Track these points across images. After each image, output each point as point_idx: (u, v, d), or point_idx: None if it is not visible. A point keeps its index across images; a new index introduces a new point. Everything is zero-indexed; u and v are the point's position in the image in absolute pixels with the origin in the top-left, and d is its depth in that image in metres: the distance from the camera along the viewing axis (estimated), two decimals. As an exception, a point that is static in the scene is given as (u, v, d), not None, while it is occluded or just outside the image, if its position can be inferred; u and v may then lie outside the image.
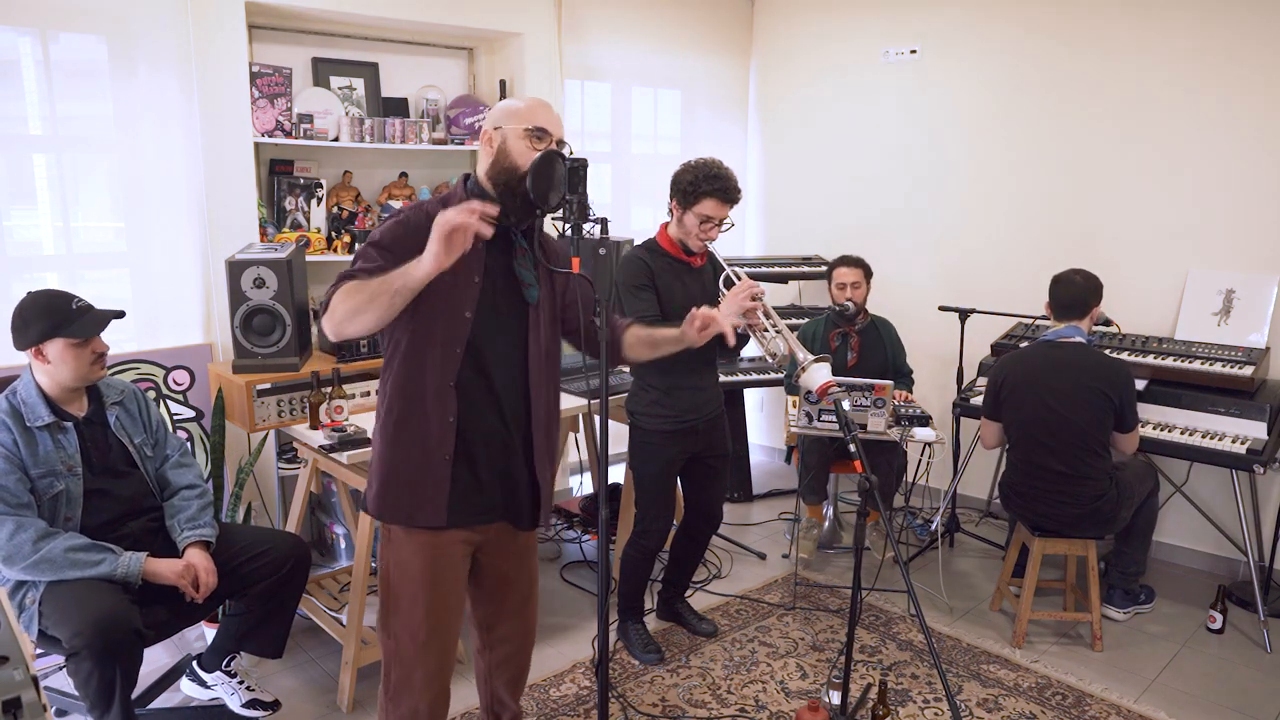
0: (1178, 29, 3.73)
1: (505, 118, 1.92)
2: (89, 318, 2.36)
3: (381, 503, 1.97)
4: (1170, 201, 3.83)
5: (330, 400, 2.91)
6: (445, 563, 1.98)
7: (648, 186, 4.97)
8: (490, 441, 1.97)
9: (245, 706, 2.69)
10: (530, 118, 1.91)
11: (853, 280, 3.76)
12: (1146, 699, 2.91)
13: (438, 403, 1.90)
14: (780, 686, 2.96)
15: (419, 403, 1.91)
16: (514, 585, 2.17)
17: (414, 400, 1.91)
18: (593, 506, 4.04)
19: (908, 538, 4.17)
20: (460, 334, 1.89)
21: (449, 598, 2.00)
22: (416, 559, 1.96)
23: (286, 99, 3.55)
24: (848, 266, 3.79)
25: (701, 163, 2.76)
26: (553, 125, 1.92)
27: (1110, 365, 3.10)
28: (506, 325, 1.97)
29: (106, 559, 2.30)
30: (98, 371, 2.43)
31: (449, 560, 1.98)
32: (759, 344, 2.70)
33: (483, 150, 1.95)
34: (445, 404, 1.90)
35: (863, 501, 2.41)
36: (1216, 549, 3.86)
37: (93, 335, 2.37)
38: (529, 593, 2.22)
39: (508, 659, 2.24)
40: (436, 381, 1.90)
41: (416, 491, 1.93)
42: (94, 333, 2.37)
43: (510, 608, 2.19)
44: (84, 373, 2.39)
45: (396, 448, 1.94)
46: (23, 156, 3.16)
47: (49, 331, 2.32)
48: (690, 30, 4.93)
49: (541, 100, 1.98)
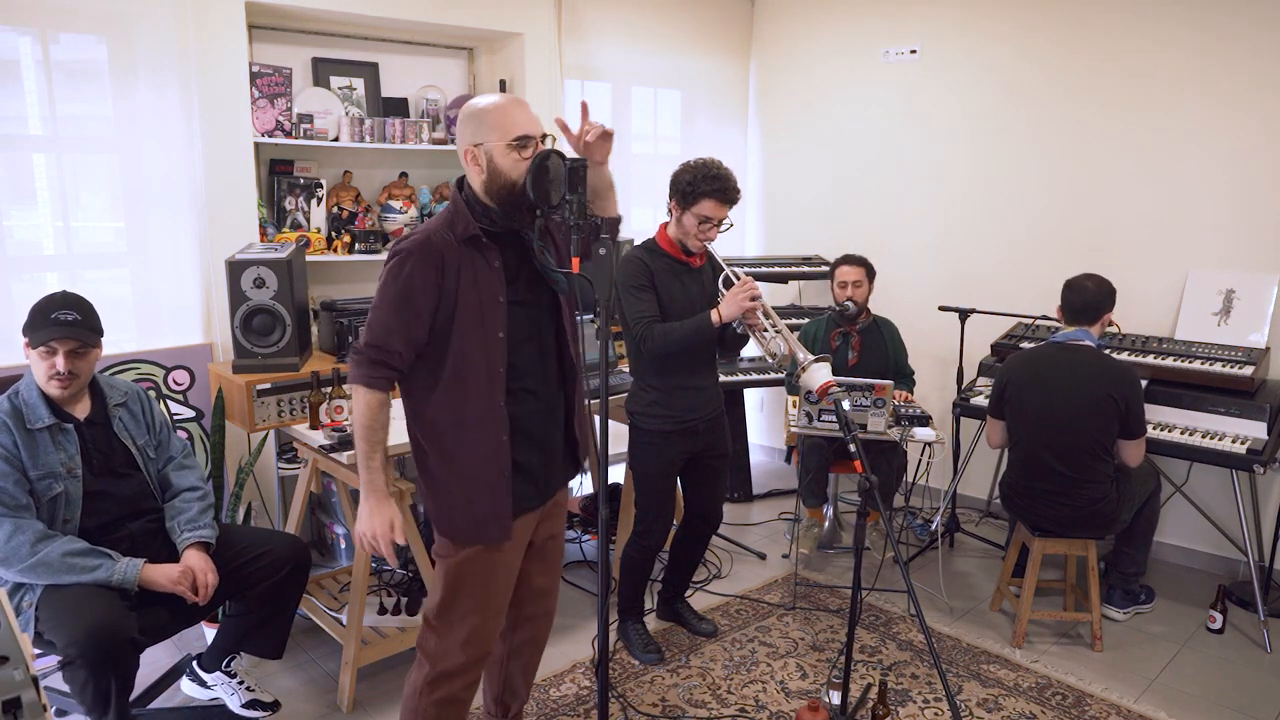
0: (1178, 28, 3.73)
1: (483, 132, 1.89)
2: (44, 329, 2.31)
3: (450, 528, 2.01)
4: (1170, 201, 3.83)
5: (330, 400, 2.91)
6: (505, 570, 2.06)
7: (648, 187, 4.97)
8: (535, 433, 2.04)
9: (245, 707, 2.69)
10: (509, 128, 1.88)
11: (854, 279, 3.75)
12: (1146, 699, 2.91)
13: (490, 424, 1.94)
14: (780, 686, 2.96)
15: (469, 428, 1.94)
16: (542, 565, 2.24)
17: (464, 425, 1.94)
18: (593, 506, 4.04)
19: (908, 538, 4.17)
20: (499, 355, 1.93)
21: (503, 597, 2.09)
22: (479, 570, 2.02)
23: (286, 99, 3.55)
24: (850, 265, 3.78)
25: (700, 163, 2.76)
26: (531, 126, 1.90)
27: (1118, 369, 3.07)
28: (538, 323, 2.02)
29: (103, 565, 2.29)
30: (55, 387, 2.35)
31: (508, 566, 2.07)
32: (758, 344, 2.71)
33: (470, 168, 1.93)
34: (497, 423, 1.95)
35: (863, 501, 2.41)
36: (1216, 549, 3.86)
37: (40, 344, 2.30)
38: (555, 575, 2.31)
39: (527, 642, 2.31)
40: (485, 404, 1.93)
41: (477, 511, 1.98)
42: (39, 342, 2.30)
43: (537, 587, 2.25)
44: (43, 382, 2.35)
45: (452, 473, 1.97)
46: (23, 156, 3.16)
47: (25, 330, 2.35)
48: (690, 30, 4.93)
49: (511, 100, 1.93)
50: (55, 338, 2.31)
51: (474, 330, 1.90)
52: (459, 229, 1.90)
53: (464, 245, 1.90)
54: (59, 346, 2.32)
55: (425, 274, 1.86)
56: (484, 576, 2.02)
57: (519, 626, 2.30)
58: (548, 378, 2.05)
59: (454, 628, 2.04)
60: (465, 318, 1.89)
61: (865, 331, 3.82)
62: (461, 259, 1.89)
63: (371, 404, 1.90)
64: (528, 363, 1.99)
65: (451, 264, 1.88)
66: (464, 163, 1.94)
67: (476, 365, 1.91)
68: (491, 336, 1.92)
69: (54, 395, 2.37)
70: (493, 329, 1.92)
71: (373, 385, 1.90)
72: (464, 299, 1.89)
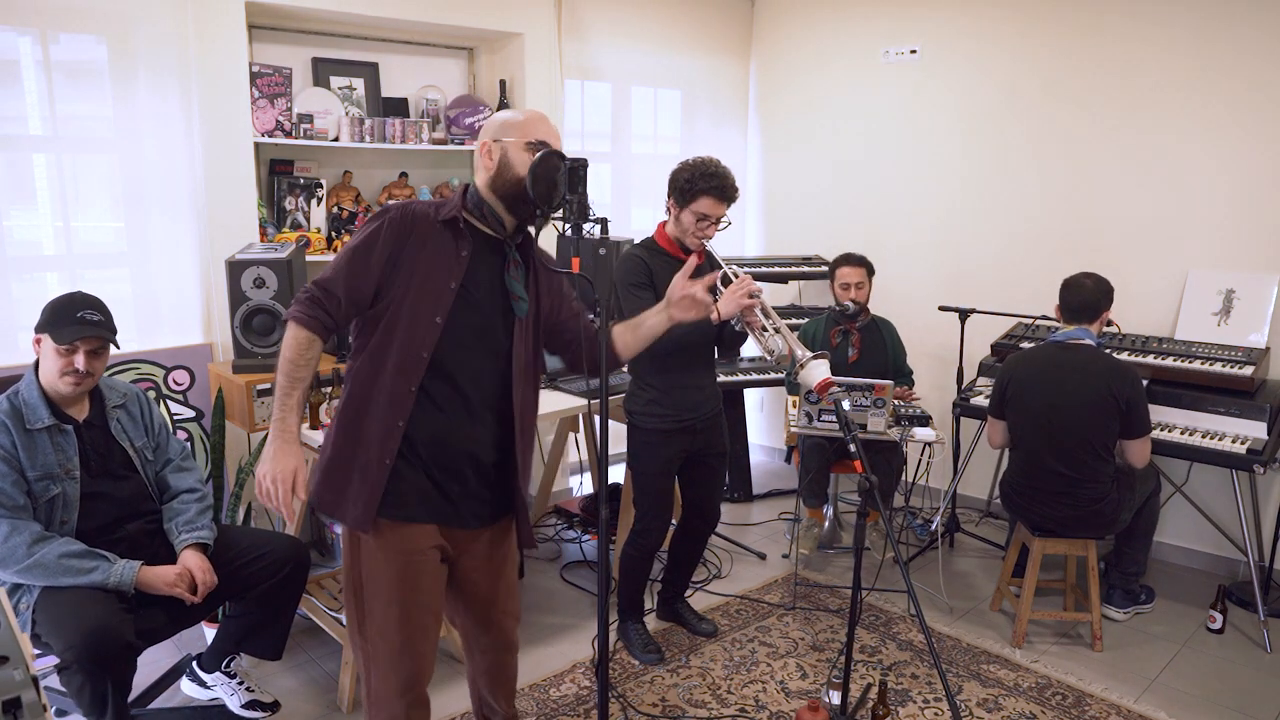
0: (1177, 29, 3.73)
1: (504, 130, 1.92)
2: (71, 328, 2.32)
3: (317, 492, 1.95)
4: (1170, 201, 3.83)
5: (330, 400, 2.91)
6: (416, 567, 1.93)
7: (648, 186, 4.97)
8: (455, 449, 1.93)
9: (245, 707, 2.69)
10: (530, 131, 1.91)
11: (856, 280, 3.74)
12: (1146, 699, 2.91)
13: (391, 405, 1.87)
14: (780, 686, 2.96)
15: (373, 403, 1.88)
16: (486, 596, 2.12)
17: (370, 399, 1.89)
18: (593, 506, 4.04)
19: (908, 538, 4.17)
20: (428, 339, 1.86)
21: (422, 601, 1.95)
22: (388, 565, 1.91)
23: (286, 99, 3.55)
24: (850, 266, 3.76)
25: (698, 161, 2.76)
26: (552, 138, 1.93)
27: (1119, 369, 3.07)
28: (489, 335, 1.95)
29: (100, 567, 2.29)
30: (67, 385, 2.35)
31: (420, 564, 1.94)
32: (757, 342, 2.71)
33: (481, 163, 1.94)
34: (399, 407, 1.87)
35: (863, 501, 2.41)
36: (1216, 549, 3.86)
37: (65, 341, 2.31)
38: (505, 607, 2.16)
39: (490, 668, 2.22)
40: (395, 384, 1.87)
41: (349, 488, 1.90)
42: (65, 340, 2.31)
43: (486, 619, 2.14)
44: (54, 379, 2.35)
45: (342, 443, 1.92)
46: (23, 156, 3.16)
47: (43, 325, 2.34)
48: (690, 30, 4.93)
49: (540, 113, 1.98)
50: (81, 336, 2.32)
51: (413, 303, 1.86)
52: (444, 210, 1.92)
53: (442, 225, 1.90)
54: (83, 346, 2.34)
55: (390, 235, 1.86)
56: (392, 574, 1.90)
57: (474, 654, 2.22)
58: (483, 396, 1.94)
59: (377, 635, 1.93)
60: (410, 289, 1.85)
61: (865, 329, 3.82)
62: (431, 235, 1.88)
63: (300, 339, 1.85)
64: (463, 368, 1.91)
65: (419, 236, 1.88)
66: (478, 154, 1.95)
67: (403, 337, 1.86)
68: (428, 318, 1.86)
69: (64, 393, 2.38)
70: (430, 311, 1.86)
71: (304, 323, 1.86)
72: (417, 269, 1.86)
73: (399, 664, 1.94)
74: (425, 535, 1.94)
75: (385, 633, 1.93)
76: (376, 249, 1.86)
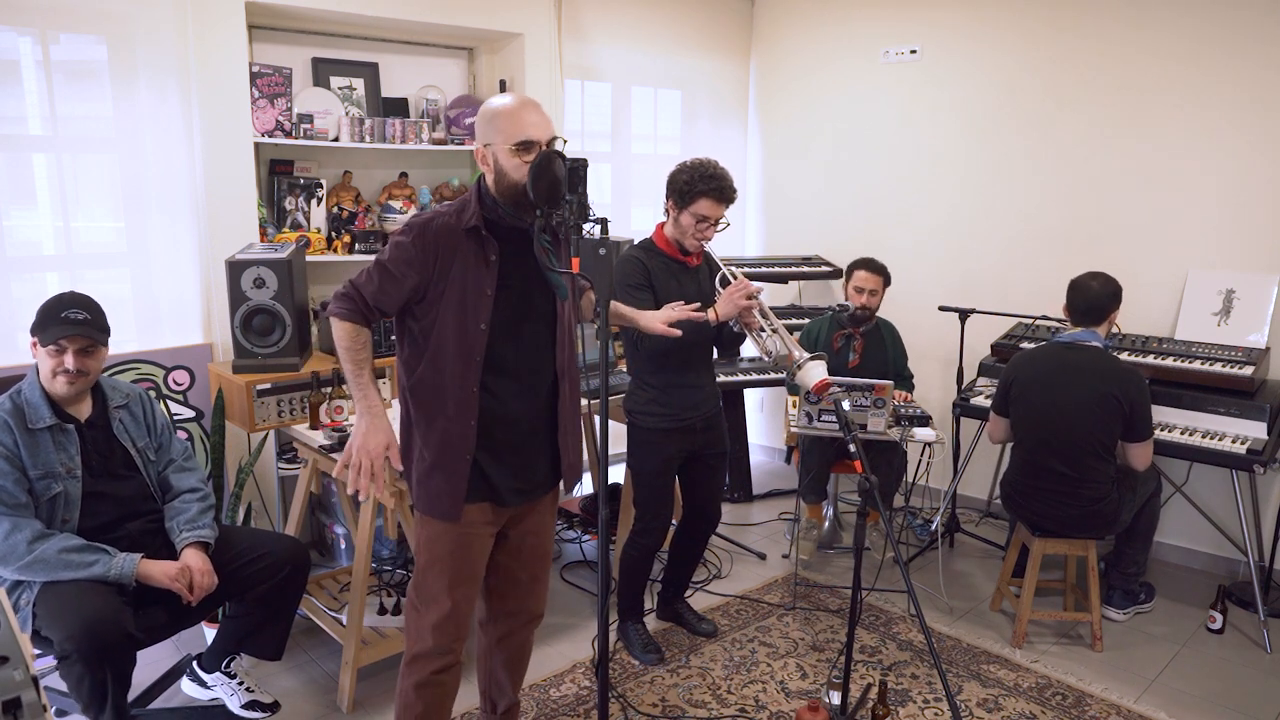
0: (1177, 29, 3.73)
1: (491, 133, 1.96)
2: (55, 328, 2.32)
3: (415, 495, 2.11)
4: (1170, 201, 3.83)
5: (330, 400, 2.91)
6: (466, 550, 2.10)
7: (648, 187, 4.97)
8: (515, 430, 2.08)
9: (245, 707, 2.69)
10: (514, 131, 1.93)
11: (871, 286, 3.70)
12: (1146, 699, 2.91)
13: (460, 408, 2.01)
14: (780, 686, 2.96)
15: (441, 408, 2.01)
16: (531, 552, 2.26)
17: (437, 406, 2.02)
18: (593, 506, 4.04)
19: (908, 538, 4.17)
20: (478, 344, 1.99)
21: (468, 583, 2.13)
22: (443, 539, 2.08)
23: (286, 99, 3.55)
24: (868, 271, 3.71)
25: (697, 162, 2.77)
26: (539, 129, 1.94)
27: (1123, 371, 3.06)
28: (532, 322, 2.06)
29: (100, 560, 2.29)
30: (61, 385, 2.35)
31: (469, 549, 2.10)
32: (754, 343, 2.71)
33: (482, 167, 2.01)
34: (468, 408, 2.01)
35: (863, 501, 2.41)
36: (1216, 549, 3.86)
37: (50, 342, 2.32)
38: (540, 568, 2.31)
39: (509, 634, 2.32)
40: (458, 389, 2.00)
41: (439, 486, 2.04)
42: (49, 340, 2.32)
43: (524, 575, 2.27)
44: (49, 380, 2.36)
45: (423, 448, 2.05)
46: (23, 156, 3.16)
47: (33, 328, 2.35)
48: (690, 30, 4.92)
49: (523, 102, 1.98)
50: (65, 336, 2.32)
51: (457, 315, 1.98)
52: (465, 217, 1.98)
53: (466, 234, 1.98)
54: (69, 345, 2.34)
55: (416, 253, 1.96)
56: (447, 552, 2.08)
57: (498, 620, 2.32)
58: (536, 381, 2.10)
59: (428, 607, 2.10)
60: (451, 301, 1.97)
61: (867, 333, 3.81)
62: (459, 246, 1.97)
63: (347, 329, 2.02)
64: (513, 355, 2.04)
65: (447, 250, 1.97)
66: (478, 160, 2.01)
67: (455, 349, 1.99)
68: (473, 326, 1.98)
69: (61, 393, 2.38)
70: (474, 319, 1.98)
71: (345, 317, 2.02)
72: (453, 283, 1.97)
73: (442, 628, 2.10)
74: (481, 516, 2.09)
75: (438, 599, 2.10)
76: (403, 265, 1.97)
